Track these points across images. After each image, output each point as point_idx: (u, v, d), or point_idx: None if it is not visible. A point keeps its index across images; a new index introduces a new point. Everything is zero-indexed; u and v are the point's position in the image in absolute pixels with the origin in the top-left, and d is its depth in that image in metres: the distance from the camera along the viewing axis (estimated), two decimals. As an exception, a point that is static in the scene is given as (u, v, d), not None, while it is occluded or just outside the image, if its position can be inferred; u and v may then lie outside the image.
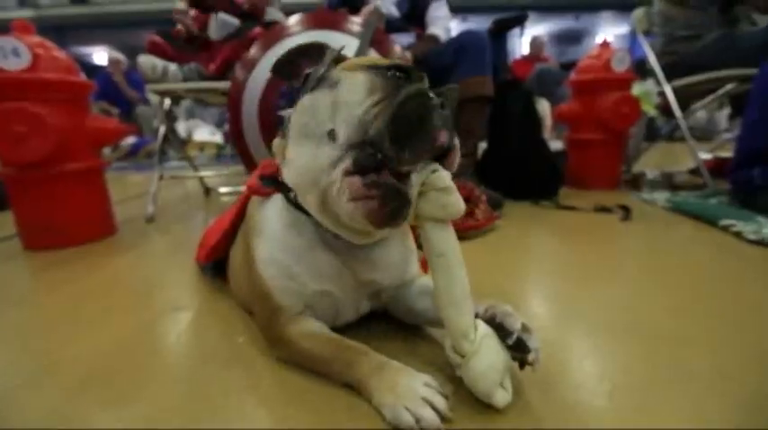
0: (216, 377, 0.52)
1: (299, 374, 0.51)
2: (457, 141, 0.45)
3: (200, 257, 0.83)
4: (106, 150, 3.75)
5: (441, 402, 0.40)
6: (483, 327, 0.43)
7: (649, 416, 0.42)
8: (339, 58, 0.50)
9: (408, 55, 1.46)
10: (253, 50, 1.34)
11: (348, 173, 0.42)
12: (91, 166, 1.20)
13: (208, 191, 2.00)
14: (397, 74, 0.45)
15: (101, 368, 0.55)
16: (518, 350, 0.43)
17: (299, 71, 0.51)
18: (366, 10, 1.44)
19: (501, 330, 0.43)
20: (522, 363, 0.44)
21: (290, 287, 0.52)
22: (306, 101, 0.48)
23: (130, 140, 3.97)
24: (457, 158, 0.46)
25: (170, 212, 1.61)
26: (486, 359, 0.42)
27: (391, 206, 0.41)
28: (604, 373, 0.50)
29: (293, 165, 0.49)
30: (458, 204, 0.43)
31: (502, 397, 0.42)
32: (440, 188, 0.42)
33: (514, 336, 0.43)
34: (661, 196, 1.46)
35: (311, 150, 0.46)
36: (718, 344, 0.56)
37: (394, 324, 0.61)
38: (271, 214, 0.54)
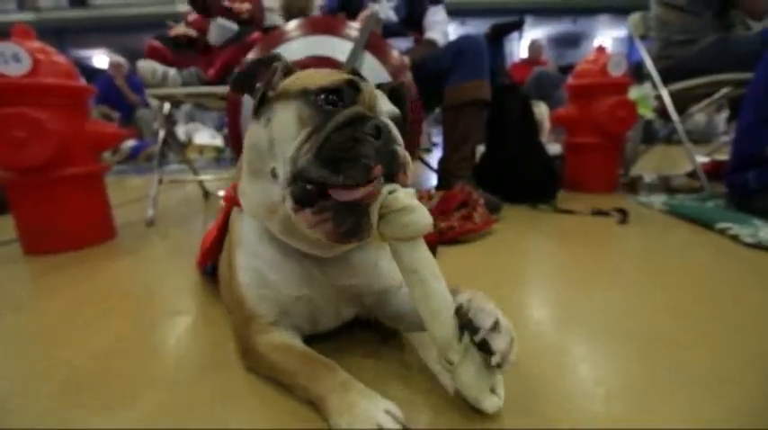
0: (213, 381, 0.52)
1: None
2: (404, 157, 0.44)
3: (197, 262, 0.83)
4: (106, 153, 3.76)
5: (391, 425, 0.38)
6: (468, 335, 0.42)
7: (647, 419, 0.43)
8: (289, 70, 0.50)
9: (406, 59, 1.47)
10: (251, 55, 1.35)
11: (295, 209, 0.42)
12: (90, 171, 1.20)
13: (207, 194, 2.00)
14: (328, 98, 0.44)
15: (98, 372, 0.56)
16: (482, 350, 0.41)
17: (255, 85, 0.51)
18: (363, 14, 1.45)
19: (469, 326, 0.41)
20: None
21: (265, 294, 0.52)
22: (248, 137, 0.50)
23: (130, 143, 3.97)
24: (408, 173, 0.45)
25: (170, 216, 1.61)
26: (471, 367, 0.41)
27: (347, 224, 0.41)
28: (602, 377, 0.50)
29: (249, 199, 0.51)
30: (420, 222, 0.42)
31: (491, 403, 0.42)
32: (397, 210, 0.41)
33: (480, 336, 0.40)
34: (658, 199, 1.47)
35: (263, 186, 0.48)
36: (716, 347, 0.56)
37: (381, 333, 0.61)
38: (247, 225, 0.54)
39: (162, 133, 1.65)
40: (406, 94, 0.53)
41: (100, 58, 9.07)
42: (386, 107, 0.48)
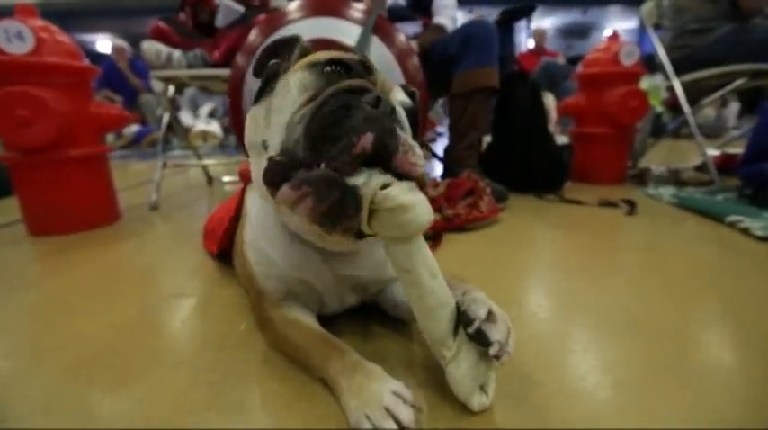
0: (216, 363, 0.52)
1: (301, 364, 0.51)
2: (406, 141, 0.39)
3: (209, 247, 0.84)
4: (109, 138, 3.75)
5: (405, 414, 0.36)
6: (464, 333, 0.41)
7: (651, 409, 0.42)
8: (305, 52, 0.49)
9: (414, 44, 1.45)
10: (253, 36, 1.32)
11: (271, 192, 0.38)
12: (94, 152, 1.20)
13: (211, 180, 1.99)
14: (335, 69, 0.42)
15: (102, 351, 0.56)
16: (479, 342, 0.40)
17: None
18: None
19: (464, 318, 0.40)
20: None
21: (271, 273, 0.52)
22: (251, 113, 0.48)
23: (134, 129, 3.96)
24: (412, 159, 0.39)
25: (173, 200, 1.61)
26: (463, 364, 0.40)
27: (330, 200, 0.35)
28: (607, 366, 0.50)
29: (252, 177, 0.50)
30: (416, 222, 0.37)
31: (478, 402, 0.41)
32: (389, 208, 0.36)
33: (474, 326, 0.39)
34: (667, 191, 1.45)
35: (257, 163, 0.46)
36: (722, 340, 0.56)
37: (389, 320, 0.61)
38: (254, 203, 0.54)
39: (166, 117, 1.64)
40: (414, 93, 0.50)
41: (103, 43, 9.01)
42: (400, 96, 0.46)
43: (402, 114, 0.42)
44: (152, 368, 0.51)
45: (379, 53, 1.27)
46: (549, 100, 2.74)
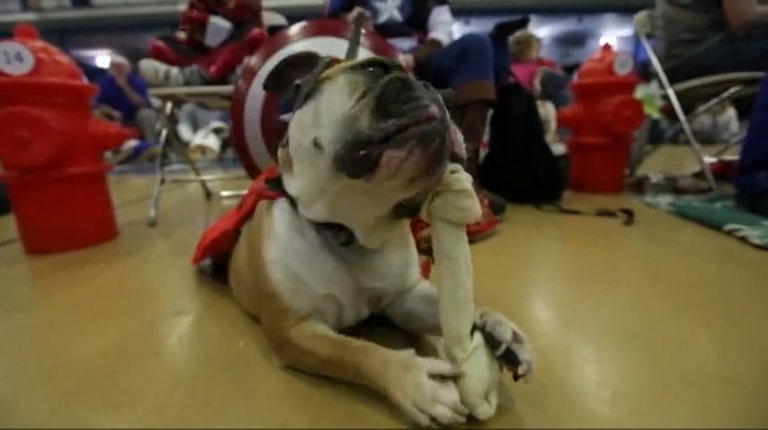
0: (215, 381, 0.51)
1: (299, 380, 0.51)
2: (456, 131, 0.42)
3: (194, 258, 0.83)
4: (108, 153, 3.76)
5: (447, 396, 0.39)
6: (478, 338, 0.42)
7: (652, 422, 0.42)
8: (330, 66, 0.50)
9: (410, 58, 1.46)
10: (254, 60, 1.34)
11: (359, 171, 0.39)
12: (93, 170, 1.20)
13: (209, 194, 2.00)
14: (377, 68, 0.44)
15: (101, 371, 0.55)
16: (508, 361, 0.41)
17: (289, 82, 0.51)
18: (350, 15, 1.44)
19: (491, 340, 0.42)
20: (516, 376, 0.42)
21: (300, 289, 0.52)
22: (296, 118, 0.49)
23: (132, 143, 3.98)
24: (459, 140, 0.42)
25: (172, 216, 1.61)
26: (473, 371, 0.41)
27: (434, 144, 0.37)
28: (607, 379, 0.50)
29: (299, 181, 0.50)
30: (474, 209, 0.42)
31: (483, 410, 0.41)
32: (457, 190, 0.41)
33: (503, 347, 0.41)
34: (664, 200, 1.45)
35: (310, 164, 0.46)
36: (722, 350, 0.55)
37: (395, 329, 0.61)
38: (279, 218, 0.54)
39: (164, 133, 1.65)
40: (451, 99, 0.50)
41: (102, 58, 9.11)
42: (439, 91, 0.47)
43: (438, 95, 0.43)
44: (150, 388, 0.51)
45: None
46: (549, 109, 2.76)
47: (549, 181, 1.50)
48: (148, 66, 1.40)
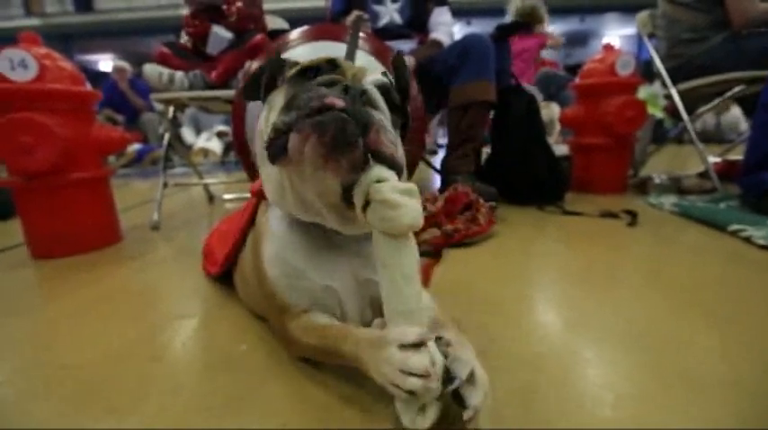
0: (218, 385, 0.52)
1: (301, 383, 0.51)
2: (380, 122, 0.41)
3: (209, 270, 0.84)
4: (111, 157, 3.79)
5: (418, 363, 0.37)
6: (432, 348, 0.40)
7: (655, 424, 0.42)
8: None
9: (411, 60, 1.47)
10: (254, 64, 1.35)
11: (275, 154, 0.43)
12: (97, 175, 1.21)
13: (212, 198, 2.00)
14: (309, 74, 0.46)
15: (103, 376, 0.56)
16: (456, 402, 0.39)
17: (268, 89, 0.52)
18: (349, 19, 1.45)
19: (446, 373, 0.39)
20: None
21: (297, 284, 0.52)
22: (256, 131, 0.53)
23: (135, 147, 4.00)
24: (383, 138, 0.41)
25: (175, 220, 1.61)
26: None
27: (330, 130, 0.38)
28: (609, 381, 0.50)
29: (266, 185, 0.53)
30: (399, 221, 0.39)
31: (411, 419, 0.39)
32: (379, 200, 0.39)
33: (454, 385, 0.38)
34: (668, 200, 1.44)
35: (270, 168, 0.49)
36: (726, 353, 0.55)
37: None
38: (275, 216, 0.55)
39: (167, 137, 1.66)
40: (402, 63, 0.52)
41: (105, 63, 9.18)
42: (374, 78, 0.47)
43: (375, 94, 0.44)
44: (152, 392, 0.51)
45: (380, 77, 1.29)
46: (554, 109, 2.74)
47: (550, 182, 1.50)
48: (152, 70, 1.41)
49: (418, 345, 0.38)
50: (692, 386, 0.48)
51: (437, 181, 2.03)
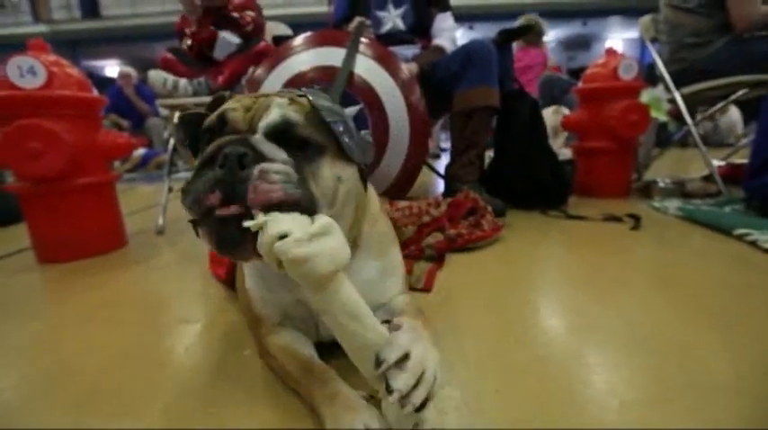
0: (222, 390, 0.52)
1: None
2: (261, 171, 0.40)
3: (218, 273, 0.86)
4: (116, 162, 3.82)
5: None
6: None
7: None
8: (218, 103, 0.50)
9: (414, 66, 1.47)
10: (259, 70, 1.37)
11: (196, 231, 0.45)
12: (103, 180, 1.22)
13: (216, 201, 2.01)
14: (210, 137, 0.45)
15: (108, 380, 0.56)
16: (386, 386, 0.38)
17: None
18: (351, 25, 1.46)
19: (377, 358, 0.39)
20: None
21: (269, 297, 0.54)
22: None
23: (141, 152, 4.03)
24: (263, 187, 0.39)
25: (179, 224, 1.62)
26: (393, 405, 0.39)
27: (220, 236, 0.41)
28: (614, 387, 0.49)
29: None
30: (314, 272, 0.37)
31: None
32: (287, 261, 0.37)
33: (381, 369, 0.38)
34: (672, 204, 1.44)
35: None
36: (731, 358, 0.55)
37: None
38: None
39: (172, 142, 1.67)
40: (314, 101, 0.47)
41: (111, 68, 9.27)
42: (268, 119, 0.44)
43: (261, 145, 0.42)
44: (157, 397, 0.51)
45: (386, 84, 1.31)
46: (565, 112, 2.74)
47: (554, 186, 1.50)
48: (157, 76, 1.43)
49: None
50: (697, 390, 0.48)
51: (440, 185, 2.03)
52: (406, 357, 0.39)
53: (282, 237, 0.37)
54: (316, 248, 0.37)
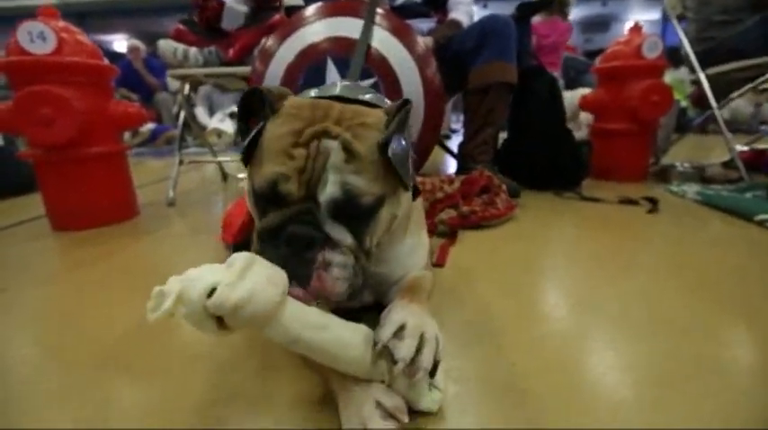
0: (234, 356, 0.52)
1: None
2: (323, 260, 0.40)
3: (226, 238, 0.85)
4: (126, 136, 3.82)
5: (376, 425, 0.36)
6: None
7: (670, 411, 0.41)
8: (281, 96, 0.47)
9: (429, 40, 1.43)
10: (270, 41, 1.33)
11: None
12: (114, 150, 1.22)
13: (226, 176, 2.01)
14: (269, 200, 0.42)
15: (122, 345, 0.57)
16: (391, 361, 0.38)
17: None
18: None
19: (373, 341, 0.39)
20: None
21: None
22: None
23: (150, 127, 4.03)
24: (327, 283, 0.40)
25: (190, 197, 1.63)
26: (400, 379, 0.39)
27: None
28: (630, 364, 0.49)
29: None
30: (259, 313, 0.34)
31: (427, 403, 0.40)
32: (226, 314, 0.34)
33: (378, 348, 0.38)
34: (691, 189, 1.40)
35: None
36: (747, 341, 0.54)
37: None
38: None
39: (183, 114, 1.66)
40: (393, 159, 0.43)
41: (120, 43, 9.19)
42: (328, 193, 0.40)
43: (330, 229, 0.41)
44: (170, 363, 0.52)
45: (401, 57, 1.27)
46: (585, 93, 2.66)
47: (570, 167, 1.46)
48: (167, 46, 1.40)
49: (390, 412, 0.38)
50: (716, 372, 0.47)
51: (450, 165, 2.00)
52: (401, 328, 0.39)
53: (211, 291, 0.33)
54: (252, 282, 0.34)
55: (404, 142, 0.44)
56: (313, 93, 0.53)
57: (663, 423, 0.40)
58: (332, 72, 1.24)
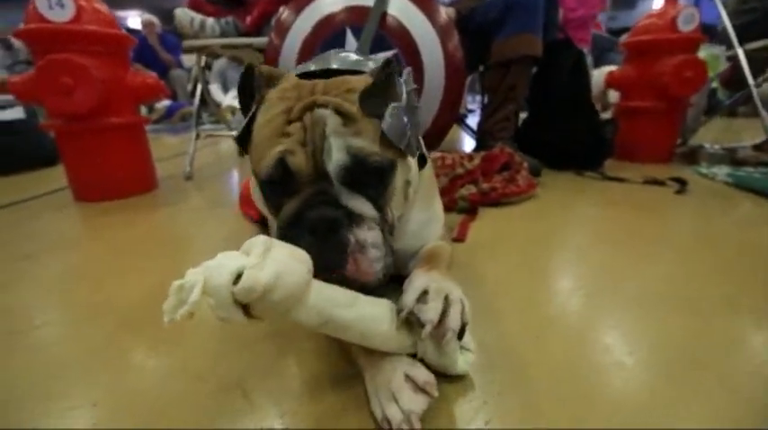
0: (252, 324, 0.52)
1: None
2: (357, 243, 0.39)
3: (247, 211, 0.87)
4: (142, 110, 3.84)
5: (408, 400, 0.35)
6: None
7: (688, 394, 0.40)
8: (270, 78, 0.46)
9: (451, 11, 1.37)
10: (286, 13, 1.29)
11: None
12: (133, 122, 1.22)
13: (242, 152, 2.01)
14: (273, 187, 0.43)
15: (144, 312, 0.57)
16: (420, 326, 0.37)
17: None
18: None
19: (398, 309, 0.39)
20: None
21: None
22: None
23: (165, 103, 4.04)
24: (364, 266, 0.39)
25: (206, 171, 1.63)
26: (429, 347, 0.39)
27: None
28: (653, 342, 0.48)
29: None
30: (289, 296, 0.32)
31: (461, 367, 0.40)
32: (255, 300, 0.32)
33: (403, 315, 0.38)
34: (721, 171, 1.34)
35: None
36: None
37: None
38: None
39: (199, 88, 1.65)
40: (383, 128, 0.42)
41: (134, 20, 9.14)
42: (336, 161, 0.40)
43: (349, 202, 0.40)
44: (190, 330, 0.52)
45: (422, 27, 1.23)
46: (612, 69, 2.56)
47: (593, 146, 1.41)
48: (183, 14, 1.38)
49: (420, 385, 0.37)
50: (732, 356, 0.45)
51: (467, 144, 1.96)
52: (425, 293, 0.39)
53: (237, 279, 0.30)
54: (277, 262, 0.32)
55: (395, 103, 0.43)
56: (313, 66, 0.52)
57: (675, 406, 0.39)
58: (351, 43, 1.20)
